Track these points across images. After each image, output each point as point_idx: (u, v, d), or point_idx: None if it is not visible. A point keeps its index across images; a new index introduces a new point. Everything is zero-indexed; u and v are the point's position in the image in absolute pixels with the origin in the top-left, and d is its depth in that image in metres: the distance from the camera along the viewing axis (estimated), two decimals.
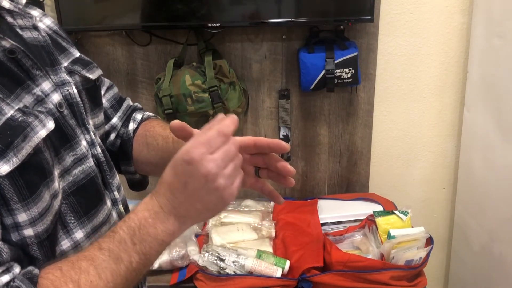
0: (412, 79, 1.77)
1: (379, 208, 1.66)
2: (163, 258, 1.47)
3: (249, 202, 1.78)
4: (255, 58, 1.73)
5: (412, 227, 1.48)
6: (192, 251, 1.48)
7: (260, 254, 1.45)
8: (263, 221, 1.62)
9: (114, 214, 0.80)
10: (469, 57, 1.69)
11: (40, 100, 0.68)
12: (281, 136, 1.80)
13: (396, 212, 1.51)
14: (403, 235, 1.41)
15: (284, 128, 1.80)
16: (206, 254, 1.44)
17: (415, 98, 1.79)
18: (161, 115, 1.61)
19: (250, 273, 1.41)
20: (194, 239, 1.55)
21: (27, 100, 0.66)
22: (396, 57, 1.74)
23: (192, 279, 1.45)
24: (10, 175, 0.60)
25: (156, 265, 1.46)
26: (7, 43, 0.66)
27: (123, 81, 1.77)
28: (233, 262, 1.42)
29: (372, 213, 1.53)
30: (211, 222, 1.63)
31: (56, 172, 0.68)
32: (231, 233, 1.56)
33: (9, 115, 0.62)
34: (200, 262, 1.44)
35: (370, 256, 1.42)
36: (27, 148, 0.62)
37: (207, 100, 1.56)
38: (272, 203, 1.79)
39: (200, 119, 1.59)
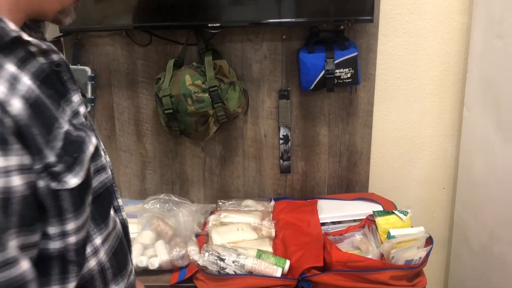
0: (412, 79, 1.77)
1: (379, 208, 1.66)
2: (163, 258, 1.47)
3: (249, 202, 1.78)
4: (255, 58, 1.73)
5: (412, 227, 1.48)
6: (192, 250, 1.48)
7: (260, 254, 1.45)
8: (263, 221, 1.62)
9: (117, 220, 0.82)
10: (469, 57, 1.69)
11: (76, 113, 0.70)
12: (281, 136, 1.80)
13: (396, 212, 1.51)
14: (403, 235, 1.41)
15: (284, 128, 1.80)
16: (206, 254, 1.44)
17: (415, 98, 1.79)
18: (161, 115, 1.61)
19: (250, 273, 1.41)
20: (194, 238, 1.55)
21: (68, 113, 0.68)
22: (396, 57, 1.74)
23: (192, 278, 1.45)
24: (76, 187, 0.64)
25: (156, 265, 1.47)
26: (56, 56, 0.68)
27: (123, 81, 1.77)
28: (233, 261, 1.42)
29: (372, 213, 1.53)
30: (211, 222, 1.63)
31: None
32: (231, 233, 1.56)
33: (65, 129, 0.65)
34: (200, 262, 1.44)
35: (370, 256, 1.42)
36: (87, 163, 0.67)
37: (207, 100, 1.56)
38: (272, 203, 1.79)
39: (200, 119, 1.59)
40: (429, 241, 1.44)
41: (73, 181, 0.64)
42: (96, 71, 1.76)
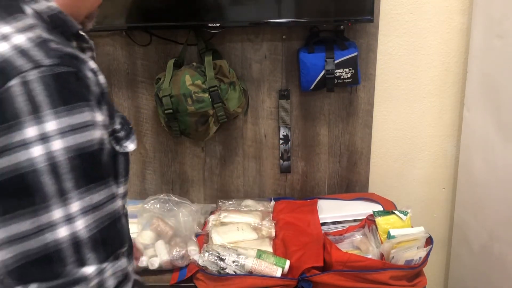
0: (412, 79, 1.77)
1: (379, 208, 1.66)
2: (163, 258, 1.47)
3: (249, 202, 1.78)
4: (255, 58, 1.73)
5: (412, 227, 1.48)
6: (192, 250, 1.48)
7: (260, 254, 1.45)
8: (263, 221, 1.62)
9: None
10: (469, 57, 1.69)
11: None
12: (281, 136, 1.80)
13: (396, 212, 1.51)
14: (403, 235, 1.41)
15: (284, 128, 1.80)
16: (206, 254, 1.44)
17: (415, 98, 1.79)
18: (161, 115, 1.61)
19: (250, 273, 1.41)
20: (194, 238, 1.55)
21: None
22: (396, 57, 1.74)
23: (192, 278, 1.45)
24: (128, 152, 0.74)
25: (156, 265, 1.47)
26: (89, 54, 0.77)
27: (123, 81, 1.77)
28: (233, 261, 1.42)
29: (372, 213, 1.53)
30: (211, 222, 1.63)
31: None
32: (231, 233, 1.56)
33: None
34: (200, 262, 1.44)
35: (370, 256, 1.42)
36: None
37: (207, 100, 1.56)
38: (272, 203, 1.79)
39: (200, 119, 1.59)
40: (429, 241, 1.44)
41: (131, 146, 0.75)
42: None
